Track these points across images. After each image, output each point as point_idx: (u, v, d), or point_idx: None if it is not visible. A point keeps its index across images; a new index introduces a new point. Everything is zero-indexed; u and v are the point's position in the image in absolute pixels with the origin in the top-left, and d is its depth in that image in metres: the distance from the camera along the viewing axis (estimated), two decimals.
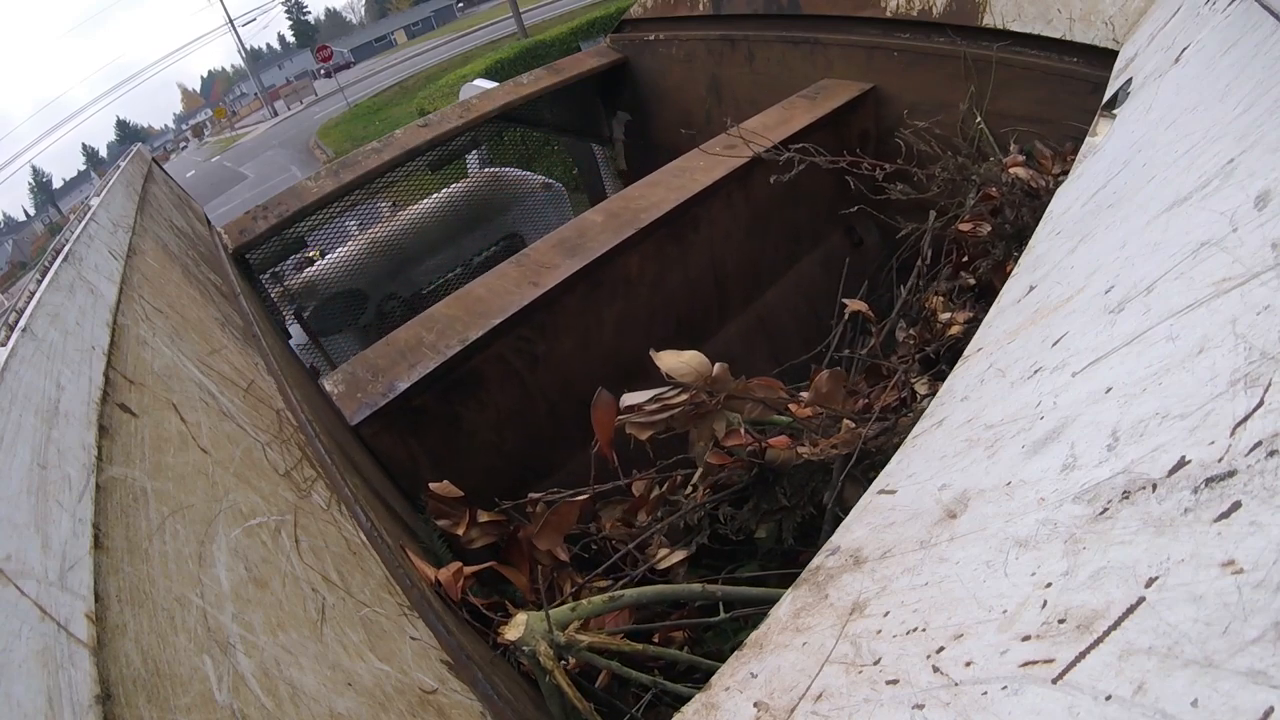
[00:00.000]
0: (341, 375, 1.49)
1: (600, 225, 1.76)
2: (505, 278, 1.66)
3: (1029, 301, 0.86)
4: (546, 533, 1.17)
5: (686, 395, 1.14)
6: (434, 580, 1.01)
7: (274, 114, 42.47)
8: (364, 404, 1.38)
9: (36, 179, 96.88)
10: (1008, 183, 1.55)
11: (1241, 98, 0.69)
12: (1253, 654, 0.28)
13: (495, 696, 0.73)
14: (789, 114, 2.12)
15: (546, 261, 1.67)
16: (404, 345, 1.52)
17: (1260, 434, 0.36)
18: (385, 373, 1.45)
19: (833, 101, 2.13)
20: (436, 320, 1.57)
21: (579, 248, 1.69)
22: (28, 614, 0.40)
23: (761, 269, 2.15)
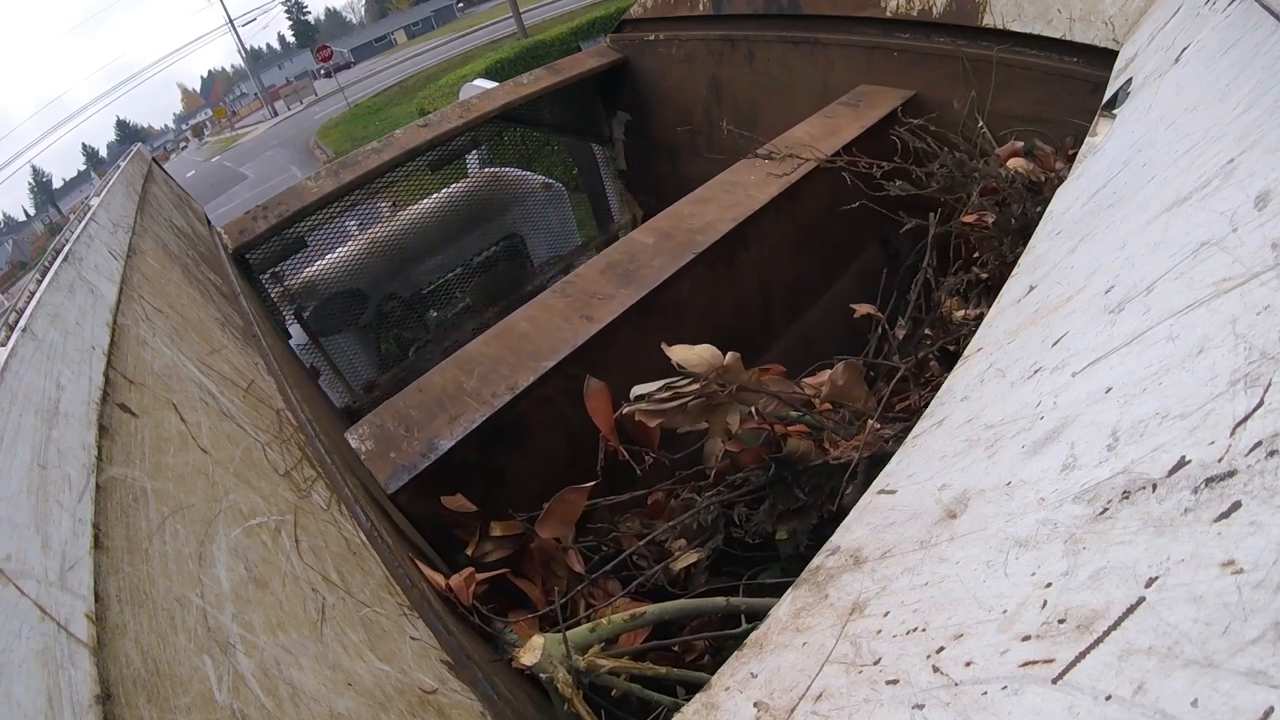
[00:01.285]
0: (369, 429, 1.28)
1: (652, 248, 1.59)
2: (551, 310, 1.47)
3: (1029, 301, 0.86)
4: (550, 521, 1.13)
5: (698, 385, 1.11)
6: (445, 586, 0.98)
7: (274, 114, 42.48)
8: (401, 467, 1.18)
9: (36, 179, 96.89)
10: (1008, 178, 1.54)
11: (1241, 98, 0.69)
12: (1253, 654, 0.28)
13: (495, 696, 0.73)
14: (834, 123, 2.00)
15: (596, 290, 1.49)
16: (441, 392, 1.32)
17: (1260, 434, 0.36)
18: (421, 426, 1.25)
19: (877, 110, 2.03)
20: (476, 361, 1.38)
21: (632, 274, 1.51)
22: (28, 614, 0.40)
23: (804, 287, 2.04)
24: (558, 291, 1.53)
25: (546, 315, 1.46)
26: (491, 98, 2.81)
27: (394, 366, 3.02)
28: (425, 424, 1.25)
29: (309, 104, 38.59)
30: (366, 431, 1.28)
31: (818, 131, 1.97)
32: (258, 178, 21.40)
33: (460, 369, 1.37)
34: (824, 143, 1.88)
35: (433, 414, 1.27)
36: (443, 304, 3.19)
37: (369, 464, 1.20)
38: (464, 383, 1.33)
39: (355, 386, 2.91)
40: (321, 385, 2.63)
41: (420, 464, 1.18)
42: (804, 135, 1.95)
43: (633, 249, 1.62)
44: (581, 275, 1.57)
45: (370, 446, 1.24)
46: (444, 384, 1.34)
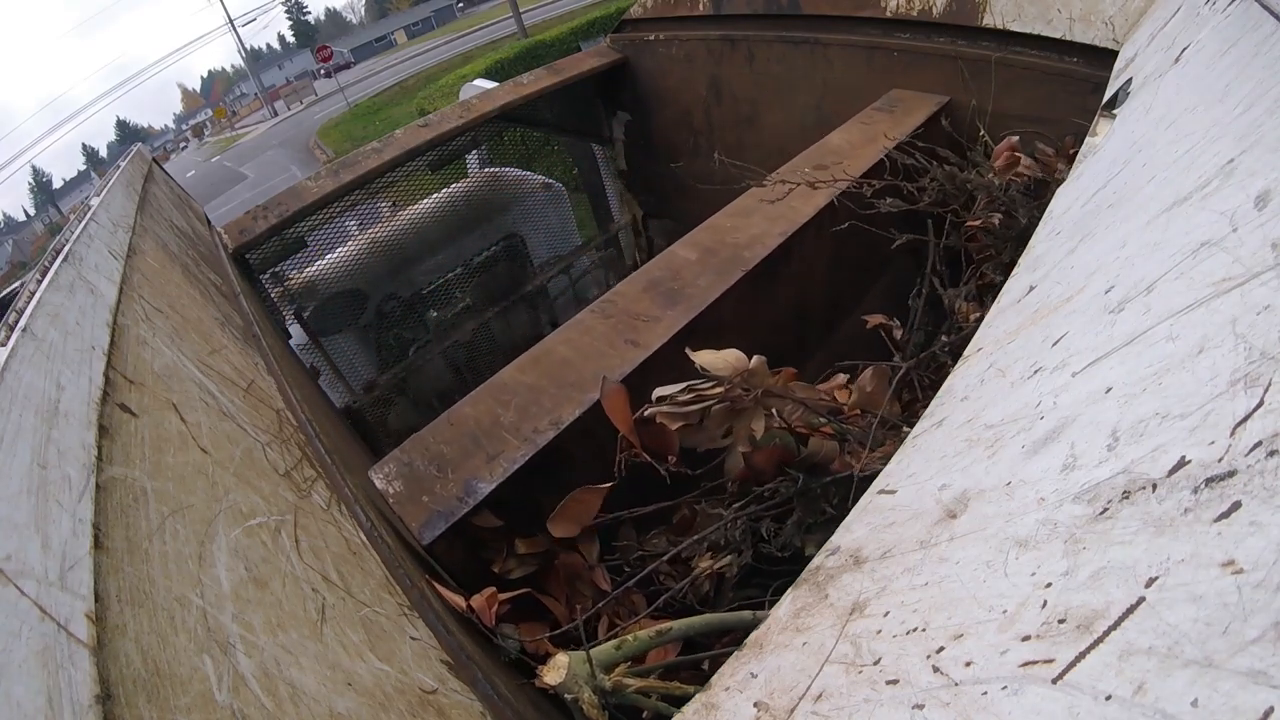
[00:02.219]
0: (396, 468, 1.16)
1: (696, 264, 1.49)
2: (591, 332, 1.36)
3: (1029, 301, 0.86)
4: (562, 520, 1.07)
5: (721, 388, 1.07)
6: (466, 606, 0.94)
7: (274, 114, 42.49)
8: (436, 514, 1.06)
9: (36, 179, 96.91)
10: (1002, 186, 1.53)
11: (1241, 98, 0.69)
12: (1253, 654, 0.28)
13: (495, 696, 0.73)
14: (872, 130, 1.90)
15: (639, 310, 1.38)
16: (475, 426, 1.19)
17: (1260, 434, 0.36)
18: (456, 466, 1.13)
19: (913, 117, 1.95)
20: (512, 391, 1.25)
21: (676, 294, 1.41)
22: (28, 614, 0.40)
23: (838, 301, 1.96)
24: (597, 312, 1.41)
25: (587, 339, 1.34)
26: (491, 98, 2.81)
27: (394, 366, 3.02)
28: (460, 463, 1.13)
29: (309, 104, 38.60)
30: (393, 471, 1.14)
31: (856, 139, 1.87)
32: (258, 178, 21.41)
33: (495, 400, 1.24)
34: (864, 151, 1.78)
35: (468, 451, 1.15)
36: (443, 304, 3.19)
37: (398, 509, 1.08)
38: (500, 415, 1.20)
39: (355, 386, 2.91)
40: (321, 385, 2.63)
41: (458, 510, 1.05)
42: (842, 143, 1.86)
43: (675, 265, 1.50)
44: (622, 294, 1.45)
45: (399, 488, 1.11)
46: (478, 417, 1.21)
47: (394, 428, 3.07)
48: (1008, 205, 1.49)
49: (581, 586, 1.13)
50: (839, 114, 2.40)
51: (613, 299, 1.44)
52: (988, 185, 1.52)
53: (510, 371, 1.30)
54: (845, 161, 1.70)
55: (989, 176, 1.56)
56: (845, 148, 1.80)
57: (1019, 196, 1.49)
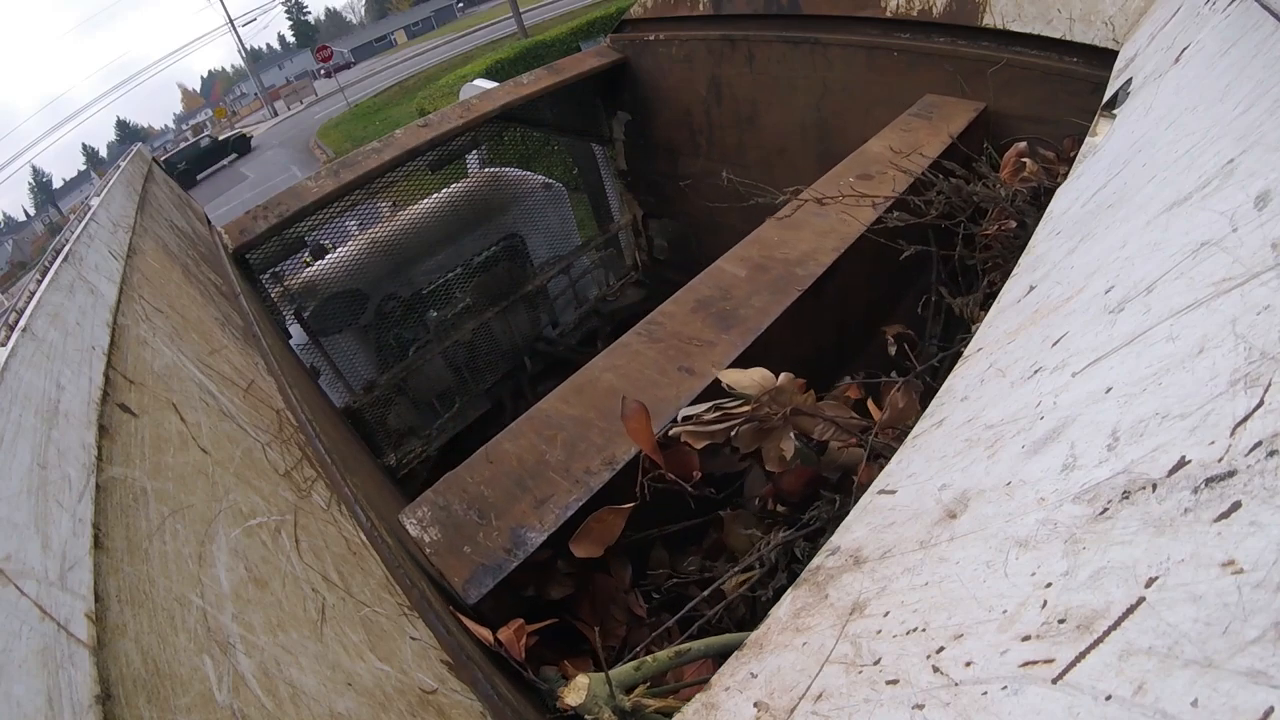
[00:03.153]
0: (431, 512, 1.05)
1: (746, 282, 1.39)
2: (640, 358, 1.25)
3: (1029, 301, 0.86)
4: (585, 541, 0.98)
5: (749, 406, 1.02)
6: (494, 640, 0.90)
7: (274, 114, 42.49)
8: (482, 568, 0.95)
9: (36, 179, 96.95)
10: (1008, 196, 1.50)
11: (1241, 98, 0.69)
12: (1253, 654, 0.28)
13: (495, 696, 0.73)
14: (912, 138, 1.83)
15: (690, 333, 1.28)
16: (518, 466, 1.09)
17: (1260, 434, 0.36)
18: (500, 511, 1.02)
19: (952, 124, 1.88)
20: (557, 425, 1.15)
21: (729, 315, 1.31)
22: (28, 614, 0.40)
23: (875, 315, 1.87)
24: (644, 335, 1.31)
25: (636, 365, 1.23)
26: (491, 98, 2.81)
27: (394, 366, 3.02)
28: (505, 508, 1.03)
29: (309, 104, 38.61)
30: (428, 515, 1.04)
31: (897, 147, 1.80)
32: (258, 178, 21.41)
33: (539, 434, 1.13)
34: (906, 162, 1.71)
35: (512, 495, 1.04)
36: (443, 304, 3.20)
37: (437, 561, 0.97)
38: (546, 453, 1.10)
39: (355, 386, 2.92)
40: (321, 385, 2.63)
41: (507, 564, 0.95)
42: (883, 150, 1.78)
43: (724, 283, 1.40)
44: (669, 315, 1.34)
45: (436, 536, 1.00)
46: (520, 454, 1.10)
47: (394, 427, 3.07)
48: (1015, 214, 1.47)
49: (615, 611, 1.08)
50: (839, 114, 2.40)
51: (660, 320, 1.33)
52: (994, 196, 1.47)
53: (553, 402, 1.19)
54: (889, 171, 1.63)
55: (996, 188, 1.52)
56: (886, 155, 1.73)
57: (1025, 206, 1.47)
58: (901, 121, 1.94)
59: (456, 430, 3.24)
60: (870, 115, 2.29)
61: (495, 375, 3.38)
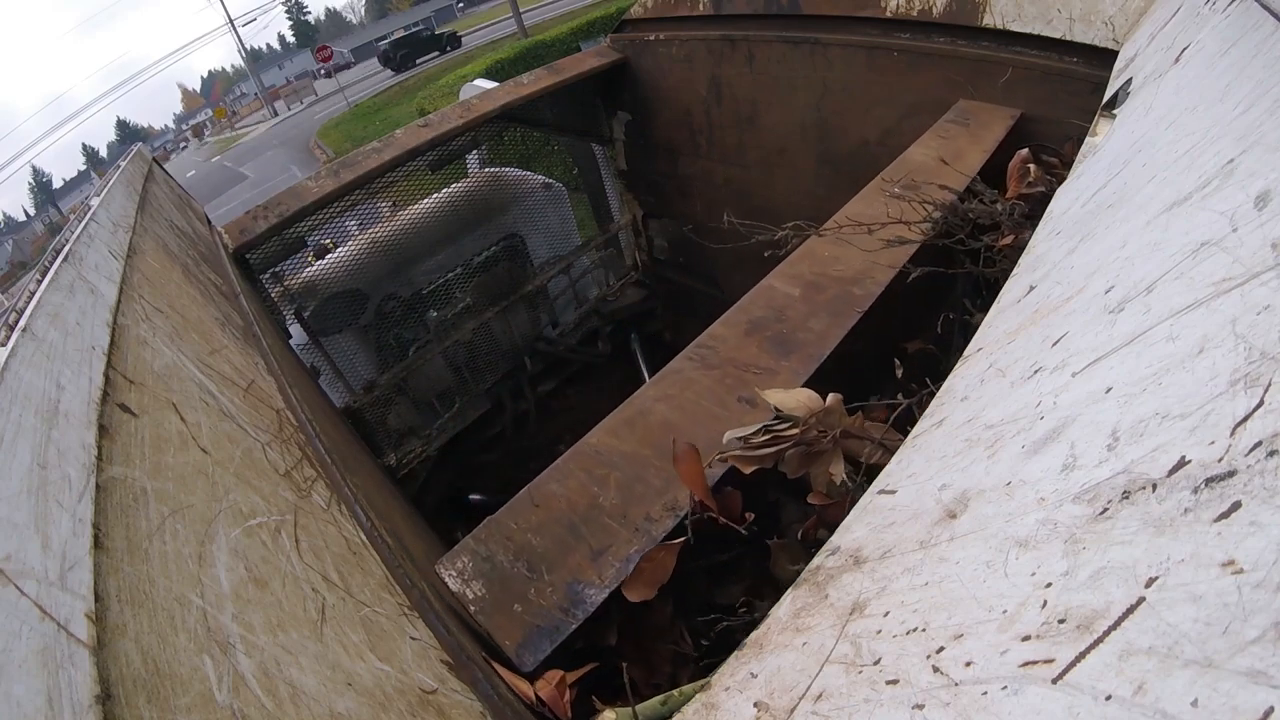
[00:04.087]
0: (472, 563, 0.95)
1: (800, 301, 1.31)
2: (693, 387, 1.15)
3: (1029, 301, 0.86)
4: (637, 584, 0.91)
5: (797, 430, 0.97)
6: (534, 697, 0.82)
7: (274, 114, 42.49)
8: (538, 631, 0.86)
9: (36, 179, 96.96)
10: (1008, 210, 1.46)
11: (1241, 98, 0.69)
12: (1253, 654, 0.28)
13: (495, 696, 0.73)
14: (952, 146, 1.75)
15: (747, 359, 1.19)
16: (569, 510, 0.99)
17: (1260, 434, 0.36)
18: (552, 563, 0.92)
19: (991, 132, 1.81)
20: (609, 462, 1.05)
21: (787, 339, 1.22)
22: (28, 614, 0.40)
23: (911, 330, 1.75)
24: (696, 360, 1.21)
25: (691, 395, 1.13)
26: (491, 98, 2.81)
27: (394, 366, 3.02)
28: (557, 560, 0.93)
29: (309, 104, 38.62)
30: (469, 567, 0.94)
31: (939, 156, 1.72)
32: (258, 178, 21.41)
33: (589, 474, 1.03)
34: (949, 169, 1.64)
35: (564, 544, 0.95)
36: (443, 304, 3.20)
37: (484, 620, 0.88)
38: (599, 495, 1.00)
39: (355, 386, 2.92)
40: (321, 385, 2.63)
41: (565, 625, 0.85)
42: (924, 158, 1.71)
43: (777, 303, 1.31)
44: (721, 338, 1.25)
45: (480, 592, 0.90)
46: (570, 497, 1.01)
47: (394, 427, 3.07)
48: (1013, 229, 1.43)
49: (660, 646, 1.02)
50: (839, 114, 2.40)
51: (711, 344, 1.23)
52: (992, 213, 1.41)
53: (601, 436, 1.09)
54: (934, 182, 1.55)
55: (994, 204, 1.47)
56: (931, 165, 1.65)
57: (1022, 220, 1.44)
58: (940, 129, 1.86)
59: (456, 430, 3.24)
60: (870, 115, 2.29)
61: (495, 375, 3.39)
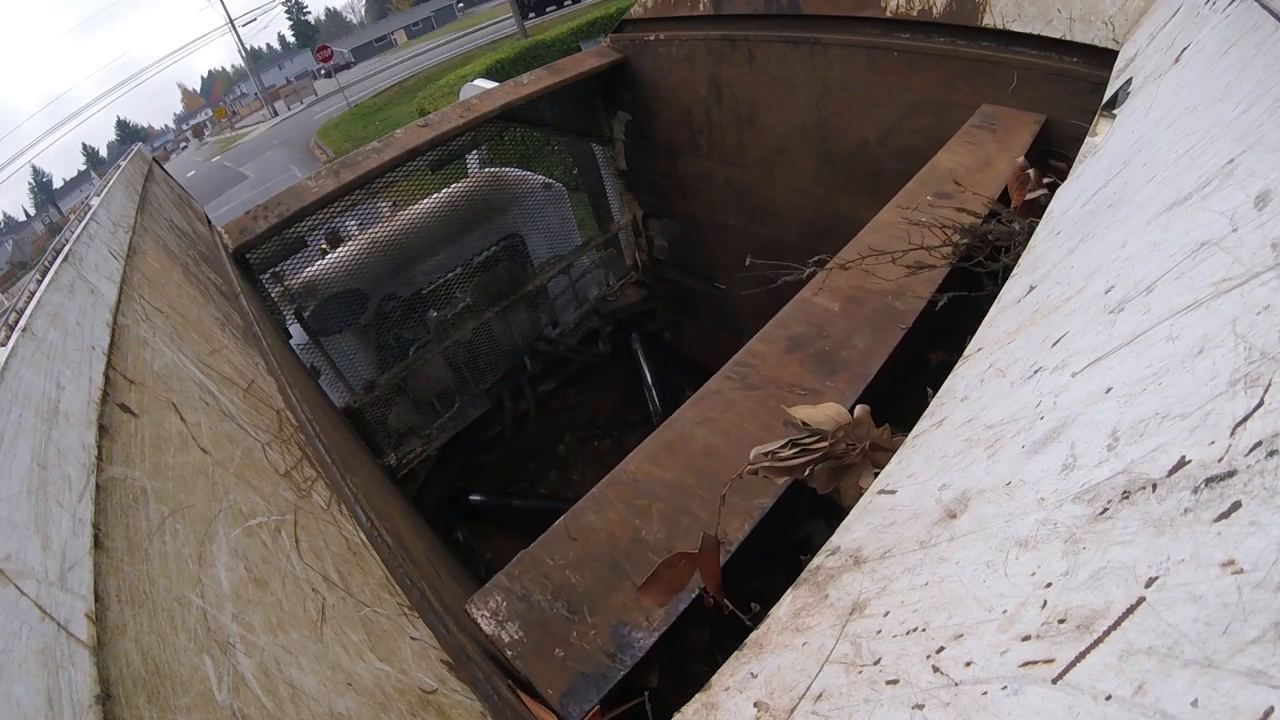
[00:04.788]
0: (506, 601, 0.89)
1: (841, 317, 1.25)
2: (735, 409, 1.10)
3: (1029, 301, 0.86)
4: (654, 589, 0.85)
5: (826, 443, 0.95)
6: None
7: (274, 114, 42.49)
8: (583, 679, 0.80)
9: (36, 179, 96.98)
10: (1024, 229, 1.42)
11: (1241, 98, 0.69)
12: (1253, 654, 0.28)
13: (495, 696, 0.73)
14: (981, 152, 1.70)
15: (790, 379, 1.13)
16: (609, 544, 0.93)
17: (1260, 434, 0.36)
18: (594, 603, 0.86)
19: (1018, 138, 1.75)
20: (650, 492, 0.99)
21: (830, 357, 1.16)
22: (28, 614, 0.40)
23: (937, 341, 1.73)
24: (736, 380, 1.15)
25: (732, 418, 1.08)
26: (491, 98, 2.81)
27: (394, 366, 3.02)
28: (599, 600, 0.87)
29: (309, 104, 38.62)
30: (504, 607, 0.88)
31: (968, 163, 1.66)
32: (258, 178, 21.41)
33: (629, 505, 0.97)
34: (980, 177, 1.59)
35: (606, 582, 0.88)
36: (443, 304, 3.20)
37: (522, 666, 0.82)
38: (640, 528, 0.94)
39: (355, 386, 2.92)
40: (321, 385, 2.63)
41: (612, 672, 0.79)
42: (955, 166, 1.65)
43: (816, 318, 1.25)
44: (761, 355, 1.19)
45: (517, 635, 0.84)
46: (610, 530, 0.94)
47: (394, 427, 3.08)
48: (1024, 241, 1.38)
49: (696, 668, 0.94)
50: (839, 114, 2.40)
51: (751, 362, 1.17)
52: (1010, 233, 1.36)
53: (640, 462, 1.03)
54: (966, 190, 1.50)
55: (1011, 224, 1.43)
56: (961, 172, 1.59)
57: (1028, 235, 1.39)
58: (966, 134, 1.82)
59: (456, 430, 3.25)
60: (870, 115, 2.30)
61: (495, 375, 3.39)
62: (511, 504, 3.74)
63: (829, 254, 1.47)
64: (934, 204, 1.44)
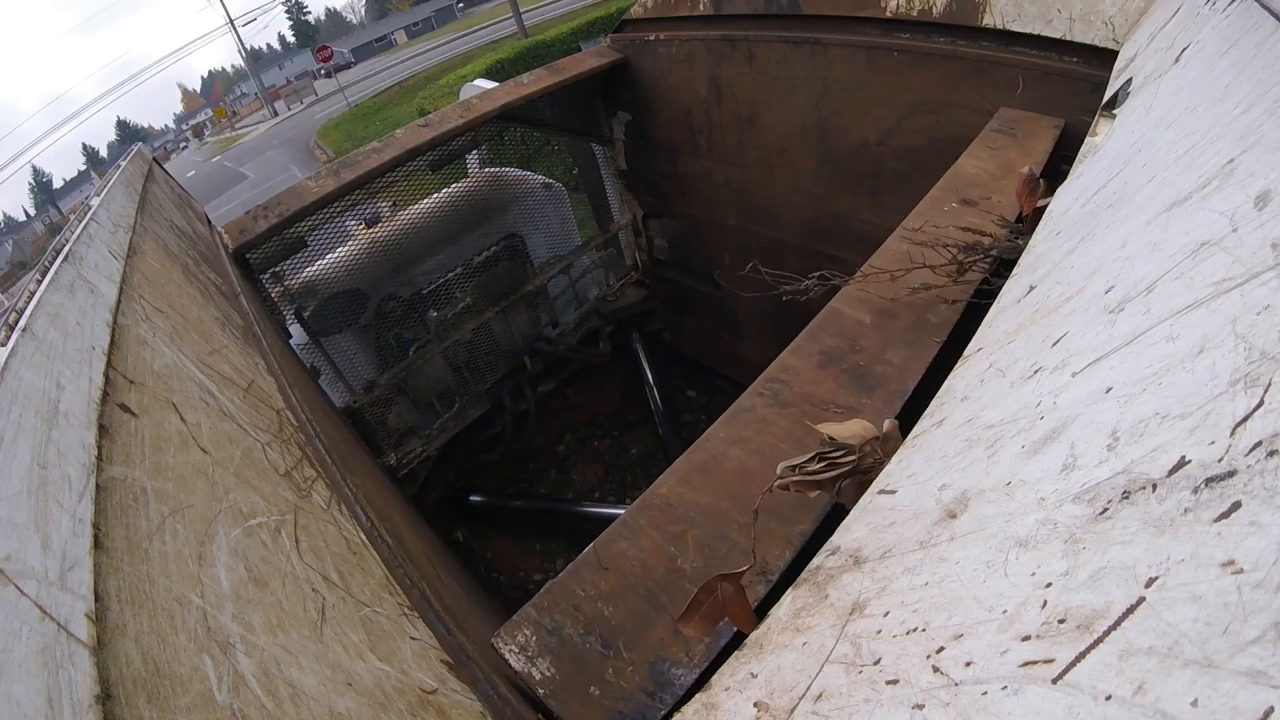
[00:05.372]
0: (536, 636, 0.84)
1: (873, 328, 1.22)
2: (769, 428, 1.05)
3: (1029, 301, 0.86)
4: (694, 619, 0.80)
5: (854, 456, 0.92)
6: None
7: (274, 114, 42.49)
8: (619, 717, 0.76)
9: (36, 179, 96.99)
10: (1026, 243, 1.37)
11: (1241, 98, 0.69)
12: (1253, 654, 0.28)
13: (495, 696, 0.73)
14: (1004, 158, 1.67)
15: (824, 396, 1.10)
16: (643, 574, 0.89)
17: (1260, 434, 0.36)
18: (632, 640, 0.82)
19: (1038, 143, 1.71)
20: (684, 518, 0.95)
21: (864, 372, 1.12)
22: (28, 614, 0.40)
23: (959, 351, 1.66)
24: (768, 396, 1.11)
25: (767, 437, 1.04)
26: (491, 98, 2.81)
27: (394, 366, 3.02)
28: (636, 634, 0.82)
29: (309, 104, 38.62)
30: (533, 642, 0.83)
31: (991, 168, 1.63)
32: (258, 178, 21.41)
33: (662, 532, 0.93)
34: (1005, 182, 1.56)
35: (642, 615, 0.84)
36: (443, 304, 3.20)
37: (555, 705, 0.77)
38: (677, 557, 0.90)
39: (355, 386, 2.92)
40: (321, 385, 2.63)
41: (652, 712, 0.75)
42: (978, 172, 1.62)
43: (848, 329, 1.21)
44: (793, 370, 1.15)
45: (549, 672, 0.80)
46: (644, 559, 0.90)
47: (394, 427, 3.08)
48: None
49: None
50: (839, 114, 2.40)
51: (783, 377, 1.13)
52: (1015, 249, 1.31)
53: (672, 485, 0.99)
54: (994, 196, 1.47)
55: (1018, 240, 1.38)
56: (984, 178, 1.57)
57: None
58: (987, 139, 1.78)
59: (456, 430, 3.25)
60: (870, 115, 2.30)
61: (495, 375, 3.39)
62: (511, 504, 3.74)
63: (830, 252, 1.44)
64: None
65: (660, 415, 3.75)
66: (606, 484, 3.85)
